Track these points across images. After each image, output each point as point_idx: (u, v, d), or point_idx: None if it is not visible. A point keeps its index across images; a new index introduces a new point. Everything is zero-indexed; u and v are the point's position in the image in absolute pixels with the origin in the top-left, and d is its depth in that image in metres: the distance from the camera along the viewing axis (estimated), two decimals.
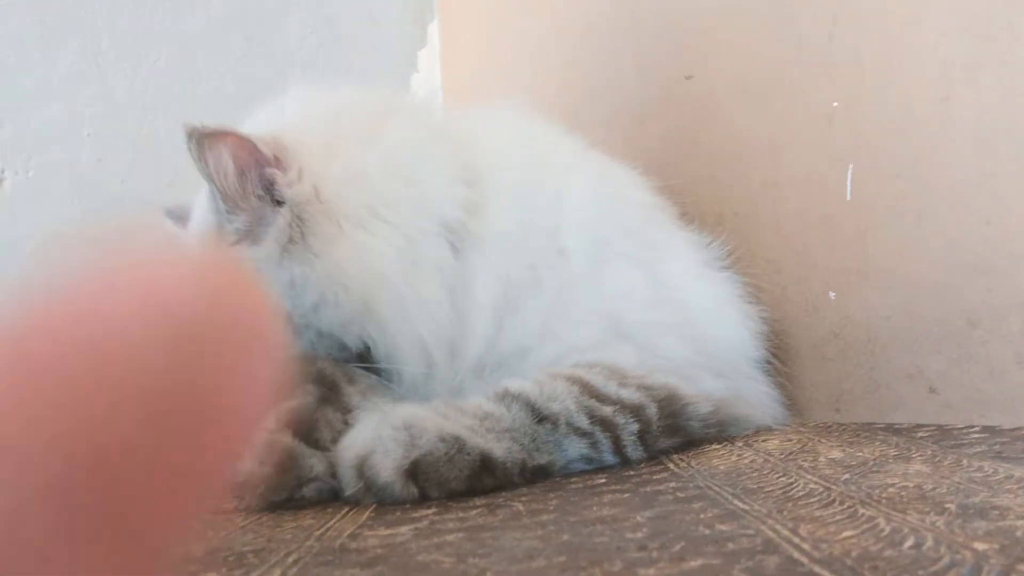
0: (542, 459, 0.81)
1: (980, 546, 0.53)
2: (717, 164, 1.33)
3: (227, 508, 0.81)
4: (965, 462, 0.81)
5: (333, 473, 0.80)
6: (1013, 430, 0.99)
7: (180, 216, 1.01)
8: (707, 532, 0.62)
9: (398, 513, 0.74)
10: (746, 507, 0.69)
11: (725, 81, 1.32)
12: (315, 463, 0.80)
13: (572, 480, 0.84)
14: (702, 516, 0.67)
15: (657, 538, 0.61)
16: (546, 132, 1.08)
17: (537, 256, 0.96)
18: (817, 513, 0.65)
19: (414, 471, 0.75)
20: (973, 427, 1.04)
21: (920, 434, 1.02)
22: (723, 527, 0.63)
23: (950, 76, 1.09)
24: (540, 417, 0.82)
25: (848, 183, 1.19)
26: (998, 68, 1.05)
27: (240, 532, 0.72)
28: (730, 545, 0.58)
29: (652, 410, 0.87)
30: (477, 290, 0.93)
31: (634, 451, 0.86)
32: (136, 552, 0.21)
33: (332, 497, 0.80)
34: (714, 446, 0.98)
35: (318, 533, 0.69)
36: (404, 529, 0.68)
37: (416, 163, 0.96)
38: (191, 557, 0.22)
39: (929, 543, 0.54)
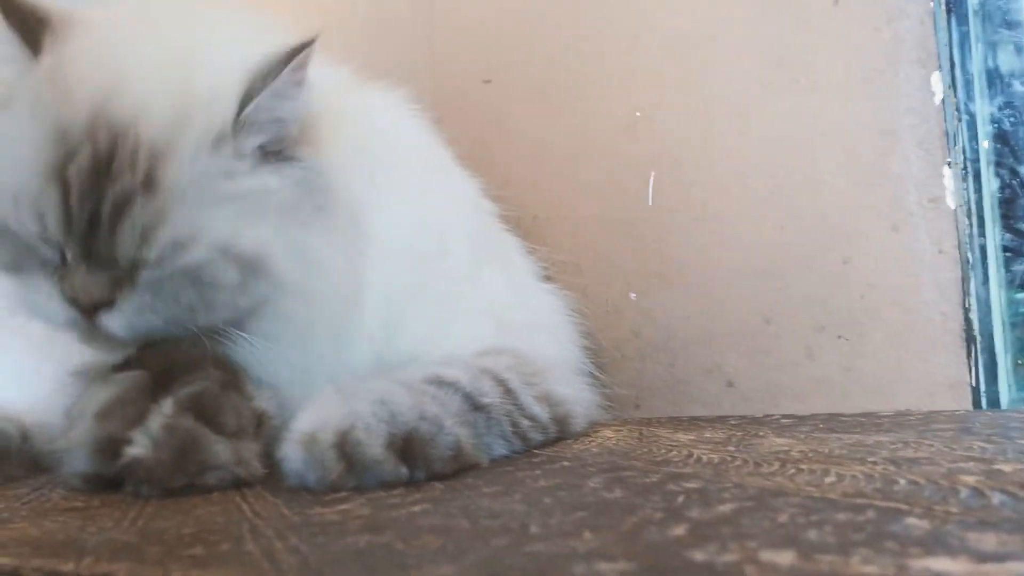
0: (482, 456, 0.76)
1: (968, 479, 0.57)
2: (515, 169, 1.34)
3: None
4: (818, 435, 0.87)
5: (238, 461, 0.71)
6: (810, 416, 1.08)
7: None
8: (679, 489, 0.61)
9: (309, 497, 0.66)
10: (686, 471, 0.69)
11: (525, 87, 1.35)
12: (221, 449, 0.70)
13: None
14: (647, 481, 0.66)
15: (645, 494, 0.59)
16: (421, 130, 1.03)
17: (424, 261, 0.91)
18: (765, 471, 0.66)
19: (404, 448, 0.67)
20: (773, 415, 1.12)
21: (733, 421, 1.08)
22: (690, 485, 0.62)
23: (747, 93, 1.19)
24: (475, 406, 0.78)
25: (650, 189, 1.25)
26: (790, 88, 1.16)
27: (146, 518, 0.60)
28: (727, 495, 0.57)
29: (553, 429, 0.89)
30: (367, 297, 0.87)
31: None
32: None
33: (233, 486, 0.70)
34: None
35: (249, 514, 0.60)
36: (349, 506, 0.60)
37: None
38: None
39: (922, 482, 0.57)
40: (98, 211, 0.72)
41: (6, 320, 0.83)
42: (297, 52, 0.76)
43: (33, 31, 0.76)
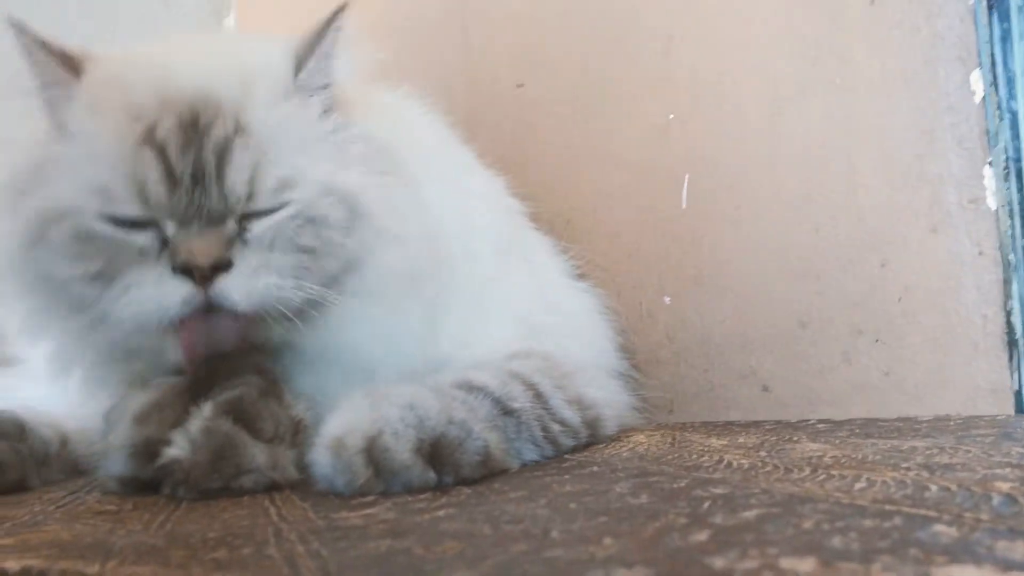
0: (511, 461, 0.76)
1: (1002, 486, 0.56)
2: (547, 172, 1.34)
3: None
4: (853, 441, 0.85)
5: (274, 465, 0.72)
6: (847, 421, 1.06)
7: None
8: (705, 495, 0.60)
9: (337, 502, 0.66)
10: (715, 477, 0.68)
11: (558, 91, 1.34)
12: (257, 453, 0.71)
13: None
14: (674, 486, 0.65)
15: (671, 500, 0.58)
16: (443, 130, 1.03)
17: (453, 259, 0.91)
18: (795, 477, 0.65)
19: (432, 453, 0.68)
20: (808, 420, 1.11)
21: (768, 427, 1.06)
22: (717, 490, 0.61)
23: (781, 94, 1.17)
24: (505, 410, 0.78)
25: (683, 192, 1.24)
26: (825, 88, 1.14)
27: (175, 522, 0.60)
28: (753, 501, 0.56)
29: (584, 434, 0.89)
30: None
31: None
32: None
33: (267, 490, 0.71)
34: None
35: (275, 518, 0.60)
36: (375, 510, 0.60)
37: None
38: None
39: (954, 488, 0.56)
40: (200, 161, 0.74)
41: None
42: (335, 16, 0.81)
43: (70, 58, 0.79)
